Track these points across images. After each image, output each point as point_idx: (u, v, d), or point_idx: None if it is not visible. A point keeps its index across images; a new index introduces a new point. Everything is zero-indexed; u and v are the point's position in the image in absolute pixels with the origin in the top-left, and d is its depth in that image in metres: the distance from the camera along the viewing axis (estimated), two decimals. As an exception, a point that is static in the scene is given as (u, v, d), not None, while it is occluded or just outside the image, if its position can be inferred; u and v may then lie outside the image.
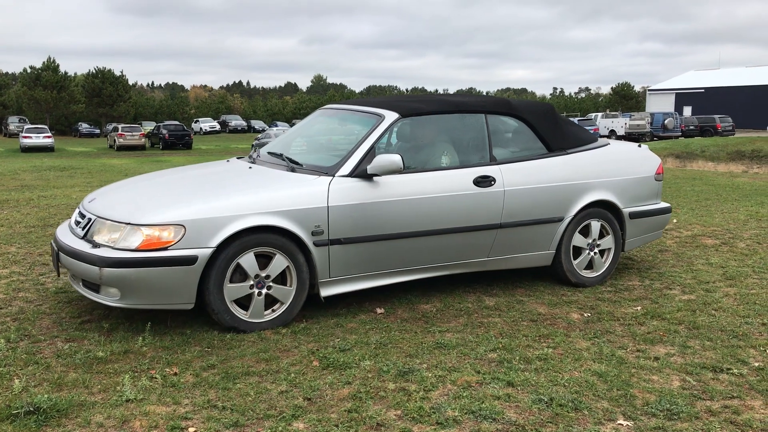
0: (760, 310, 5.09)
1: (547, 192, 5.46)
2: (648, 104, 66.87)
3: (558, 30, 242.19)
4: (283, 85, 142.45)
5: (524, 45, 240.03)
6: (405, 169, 4.87)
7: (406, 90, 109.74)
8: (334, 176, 4.78)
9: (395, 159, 4.76)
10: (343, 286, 4.87)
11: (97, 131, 62.83)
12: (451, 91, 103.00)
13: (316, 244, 4.63)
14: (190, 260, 4.27)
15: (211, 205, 4.42)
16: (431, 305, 5.20)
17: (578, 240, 5.70)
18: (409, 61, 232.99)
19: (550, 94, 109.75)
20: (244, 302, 4.54)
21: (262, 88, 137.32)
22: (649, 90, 69.14)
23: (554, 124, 5.78)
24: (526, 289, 5.67)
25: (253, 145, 35.18)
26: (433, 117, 5.43)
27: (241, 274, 4.48)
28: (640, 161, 6.11)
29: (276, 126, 56.13)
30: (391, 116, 5.16)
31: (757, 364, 4.07)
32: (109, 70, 68.86)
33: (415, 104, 5.40)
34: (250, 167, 5.29)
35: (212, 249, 4.32)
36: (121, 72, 70.87)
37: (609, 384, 3.77)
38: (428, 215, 4.99)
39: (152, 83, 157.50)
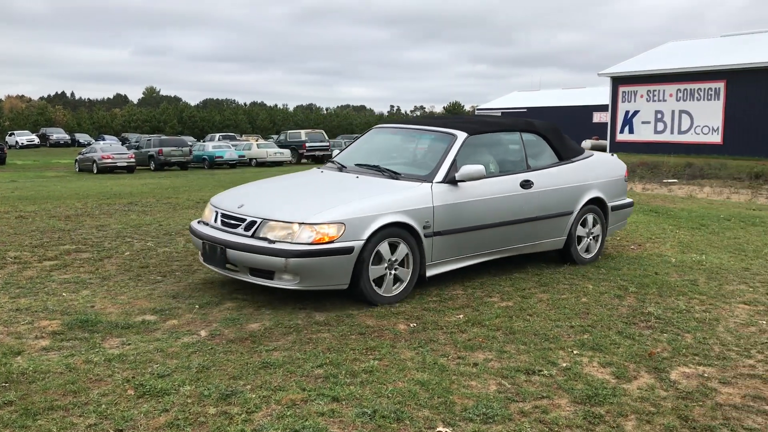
0: (569, 314, 5.48)
1: (563, 192, 7.01)
2: (477, 122, 70.75)
3: (395, 50, 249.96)
4: (111, 96, 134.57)
5: (363, 64, 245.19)
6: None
7: (245, 104, 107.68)
8: (432, 182, 6.00)
9: (480, 168, 6.08)
10: (439, 267, 6.09)
11: None
12: (290, 107, 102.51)
13: (425, 236, 5.82)
14: (349, 250, 5.34)
15: (360, 206, 5.52)
16: (260, 324, 5.08)
17: (580, 229, 7.25)
18: (248, 76, 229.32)
19: (388, 112, 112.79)
20: (377, 282, 5.59)
21: (89, 99, 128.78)
22: (478, 109, 73.14)
23: (561, 139, 7.35)
24: (355, 302, 5.70)
25: (86, 160, 32.84)
26: (488, 135, 6.79)
27: (377, 260, 5.55)
28: (616, 167, 7.82)
29: (103, 140, 52.96)
30: (462, 135, 6.43)
31: (565, 365, 4.36)
32: None
33: (475, 125, 6.73)
34: (357, 177, 6.33)
35: (363, 241, 5.39)
36: None
37: (431, 392, 3.86)
38: (494, 211, 6.36)
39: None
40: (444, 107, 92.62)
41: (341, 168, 6.71)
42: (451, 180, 6.06)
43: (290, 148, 36.88)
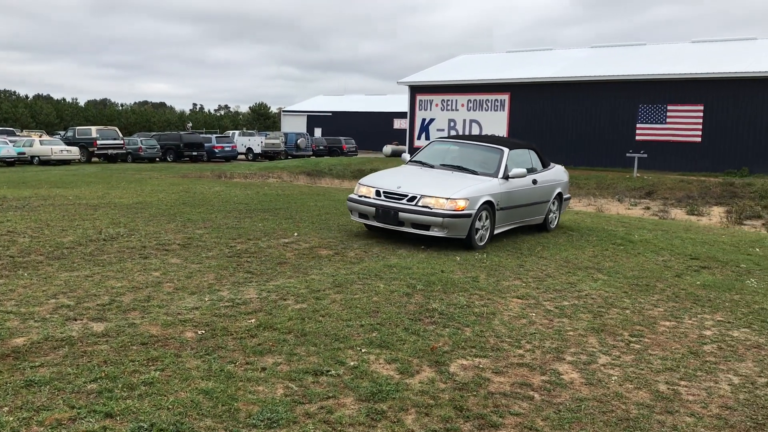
0: (360, 313, 5.59)
1: (547, 187, 10.86)
2: (283, 124, 70.61)
3: (199, 48, 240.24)
4: None
5: (164, 59, 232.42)
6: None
7: (26, 96, 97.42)
8: (497, 177, 9.55)
9: (524, 171, 9.85)
10: (498, 229, 9.53)
11: None
12: (81, 101, 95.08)
13: (496, 210, 9.26)
14: (469, 215, 8.71)
15: (473, 189, 8.95)
16: (26, 338, 4.59)
17: (552, 210, 11.10)
18: (35, 66, 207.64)
19: (190, 110, 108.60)
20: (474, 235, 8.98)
21: None
22: (284, 111, 73.07)
23: (542, 154, 11.30)
24: (140, 311, 5.37)
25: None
26: (516, 150, 10.42)
27: (479, 222, 8.95)
28: (565, 174, 11.92)
29: None
30: (506, 150, 10.07)
31: (352, 364, 4.43)
32: None
33: (509, 144, 10.47)
34: (452, 172, 9.73)
35: (474, 210, 8.76)
36: None
37: (215, 401, 3.72)
38: (522, 197, 9.98)
39: None
40: (250, 107, 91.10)
41: (431, 166, 10.04)
42: (505, 177, 9.62)
43: (79, 145, 34.12)
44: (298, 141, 44.34)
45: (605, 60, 32.65)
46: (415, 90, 36.22)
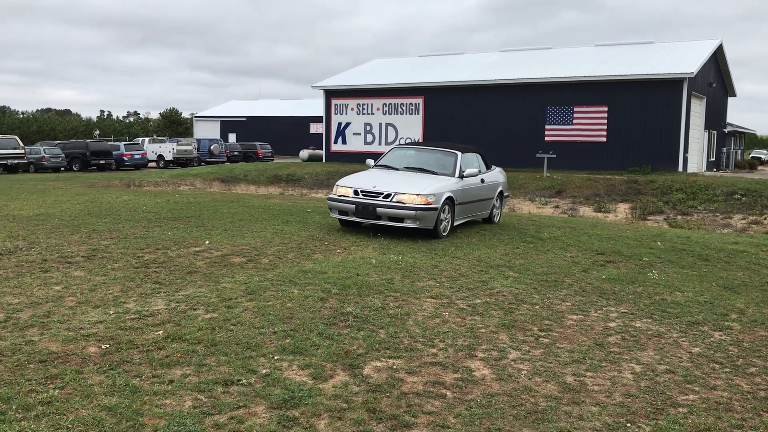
0: (273, 320, 5.51)
1: (492, 185, 12.42)
2: (196, 130, 69.01)
3: (107, 53, 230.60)
4: None
5: (70, 65, 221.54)
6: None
7: None
8: (454, 176, 11.04)
9: (476, 170, 11.43)
10: (456, 221, 10.96)
11: None
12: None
13: (455, 204, 10.70)
14: (435, 209, 10.13)
15: (438, 187, 10.39)
16: None
17: (495, 205, 12.65)
18: None
19: (98, 117, 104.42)
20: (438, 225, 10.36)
21: None
22: (196, 117, 71.42)
23: (486, 158, 12.86)
24: (39, 327, 5.10)
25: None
26: (467, 154, 11.89)
27: (442, 215, 10.33)
28: (503, 174, 13.46)
29: None
30: (459, 153, 11.57)
31: (264, 371, 4.35)
32: None
33: (461, 148, 11.94)
34: (416, 173, 11.18)
35: (440, 205, 10.18)
36: None
37: (119, 417, 3.58)
38: (473, 194, 11.44)
39: None
40: (161, 113, 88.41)
41: (396, 169, 11.45)
42: (461, 176, 11.11)
43: (-24, 155, 32.20)
44: (212, 147, 43.37)
45: (514, 63, 33.60)
46: (330, 94, 36.16)
